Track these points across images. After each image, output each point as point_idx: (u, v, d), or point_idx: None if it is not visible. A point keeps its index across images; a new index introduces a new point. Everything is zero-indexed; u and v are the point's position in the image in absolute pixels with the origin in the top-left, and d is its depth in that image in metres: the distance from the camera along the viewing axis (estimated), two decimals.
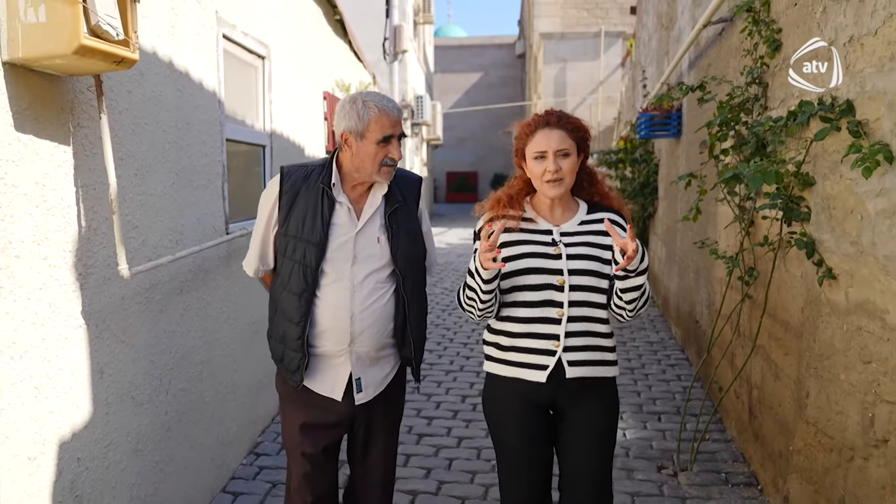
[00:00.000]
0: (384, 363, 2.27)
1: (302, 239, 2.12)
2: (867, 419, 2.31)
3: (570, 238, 2.12)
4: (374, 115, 2.09)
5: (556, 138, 2.06)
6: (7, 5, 1.73)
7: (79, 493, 2.11)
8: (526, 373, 2.09)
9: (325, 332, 2.15)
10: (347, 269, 2.14)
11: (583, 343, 2.08)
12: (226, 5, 3.35)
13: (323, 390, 2.21)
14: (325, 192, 2.14)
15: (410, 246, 2.24)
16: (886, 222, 2.19)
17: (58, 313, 2.01)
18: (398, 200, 2.23)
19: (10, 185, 1.80)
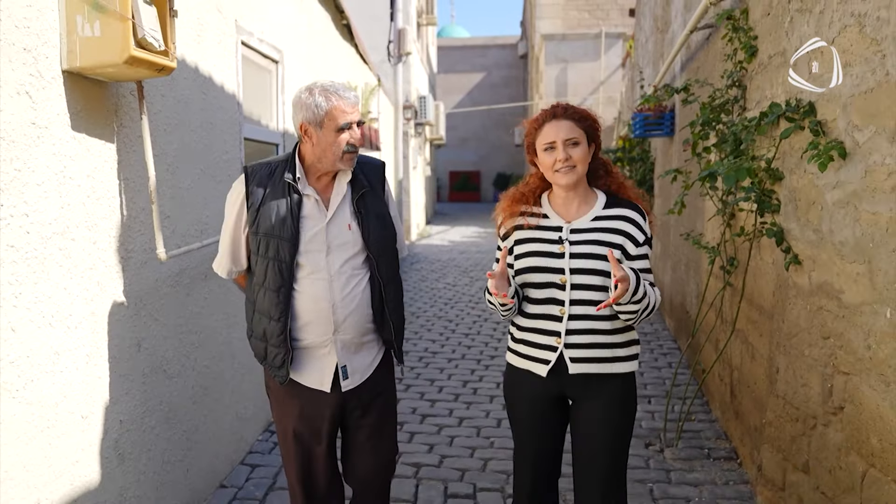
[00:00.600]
0: (368, 349, 2.28)
1: (273, 235, 2.12)
2: (826, 389, 2.57)
3: (579, 236, 2.12)
4: (330, 105, 2.09)
5: (564, 128, 2.08)
6: (66, 22, 2.00)
7: (121, 451, 2.38)
8: (531, 365, 2.17)
9: (307, 324, 2.16)
10: (323, 260, 2.15)
11: (586, 341, 2.10)
12: (244, 14, 3.62)
13: (311, 383, 2.22)
14: (290, 186, 2.14)
15: (381, 230, 2.25)
16: (841, 212, 2.45)
17: (105, 291, 2.27)
18: (364, 186, 2.23)
19: (68, 177, 2.06)
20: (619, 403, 2.15)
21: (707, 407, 4.37)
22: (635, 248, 2.11)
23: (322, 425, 2.26)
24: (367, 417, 2.31)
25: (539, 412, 2.20)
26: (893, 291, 2.12)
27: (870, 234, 2.26)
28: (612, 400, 2.13)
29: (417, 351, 5.82)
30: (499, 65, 31.19)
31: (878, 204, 2.22)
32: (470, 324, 6.84)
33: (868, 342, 2.27)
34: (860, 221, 2.32)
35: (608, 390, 2.13)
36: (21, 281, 1.84)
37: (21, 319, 1.85)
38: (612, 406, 2.14)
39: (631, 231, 2.11)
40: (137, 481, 2.49)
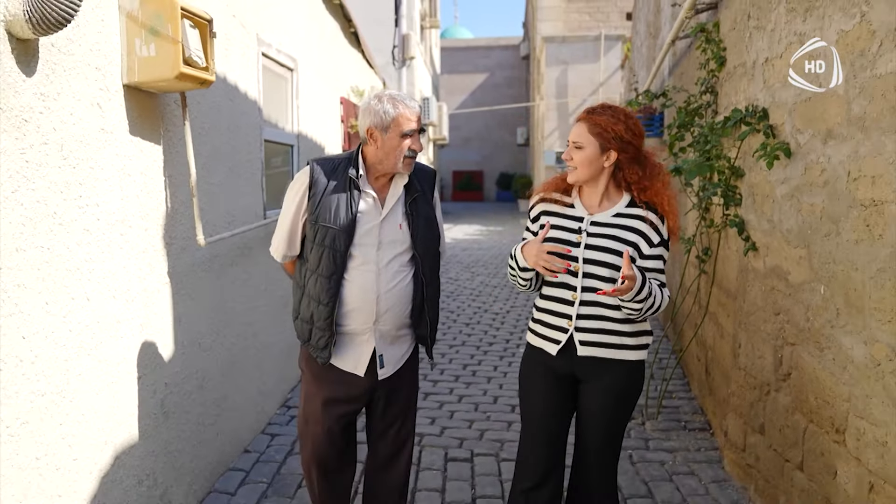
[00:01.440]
0: (402, 342, 2.44)
1: (331, 225, 2.26)
2: (777, 359, 2.95)
3: (599, 228, 2.23)
4: (397, 112, 2.26)
5: (575, 130, 2.24)
6: (126, 44, 2.39)
7: (166, 409, 2.77)
8: (544, 343, 2.31)
9: (352, 311, 2.31)
10: (373, 254, 2.30)
11: (595, 326, 2.22)
12: (264, 28, 4.01)
13: (346, 367, 2.37)
14: (352, 182, 2.30)
15: (427, 232, 2.40)
16: (787, 203, 2.83)
17: (154, 271, 2.66)
18: (417, 190, 2.39)
19: (126, 174, 2.45)
20: (622, 388, 2.26)
21: (687, 386, 4.75)
22: (649, 248, 2.22)
23: (349, 408, 2.42)
24: (391, 407, 2.47)
25: (548, 386, 2.32)
26: (826, 271, 2.50)
27: (808, 222, 2.64)
28: (615, 384, 2.25)
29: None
30: (501, 65, 31.54)
31: (814, 196, 2.59)
32: (470, 314, 7.23)
33: (807, 315, 2.65)
34: (801, 211, 2.70)
35: (614, 374, 2.24)
36: (93, 259, 2.23)
37: (93, 291, 2.23)
38: (614, 389, 2.25)
39: (647, 231, 2.22)
40: (178, 437, 2.88)
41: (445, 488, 3.31)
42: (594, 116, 2.20)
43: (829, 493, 2.48)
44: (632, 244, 2.20)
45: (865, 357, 2.24)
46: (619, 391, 2.26)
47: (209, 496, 3.15)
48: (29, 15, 1.77)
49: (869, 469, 2.22)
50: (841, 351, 2.39)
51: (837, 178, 2.42)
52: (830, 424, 2.47)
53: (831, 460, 2.47)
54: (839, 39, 2.40)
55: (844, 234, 2.37)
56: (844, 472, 2.38)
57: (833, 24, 2.44)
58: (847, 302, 2.35)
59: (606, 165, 2.22)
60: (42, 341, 1.95)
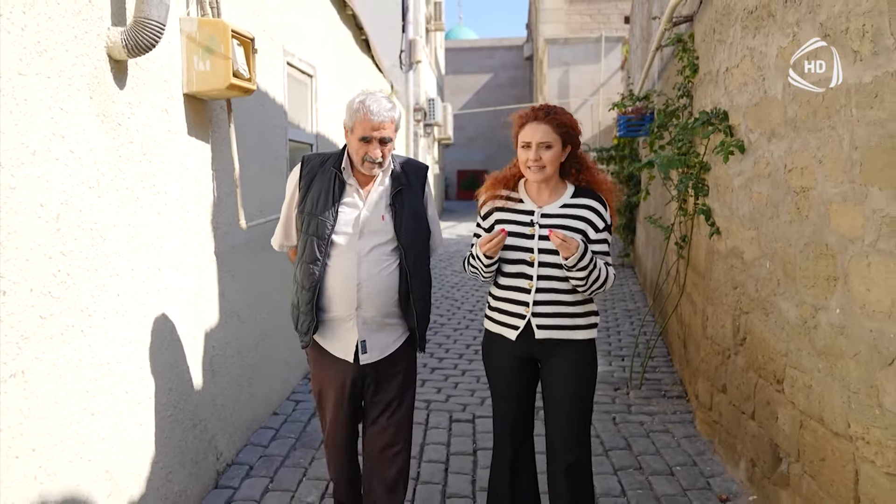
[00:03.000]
0: (391, 330, 2.49)
1: (315, 215, 2.38)
2: (735, 327, 3.43)
3: (549, 220, 2.38)
4: (359, 116, 2.33)
5: (540, 132, 2.33)
6: (186, 60, 2.89)
7: (214, 368, 3.27)
8: (503, 330, 2.47)
9: (334, 297, 2.40)
10: (355, 242, 2.39)
11: (551, 311, 2.38)
12: (288, 40, 4.50)
13: (335, 352, 2.47)
14: (336, 174, 2.42)
15: (413, 224, 2.46)
16: (742, 193, 3.31)
17: (204, 250, 3.16)
18: (403, 183, 2.47)
19: (185, 167, 2.95)
20: (580, 362, 2.44)
21: (670, 362, 5.23)
22: (595, 233, 2.41)
23: (343, 392, 2.49)
24: (380, 394, 2.53)
25: (510, 367, 2.50)
26: (770, 248, 2.98)
27: (757, 208, 3.12)
28: (572, 359, 2.42)
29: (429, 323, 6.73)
30: (505, 66, 31.95)
31: (761, 186, 3.07)
32: (473, 303, 7.72)
33: (757, 287, 3.13)
34: (752, 199, 3.18)
35: (570, 352, 2.42)
36: (163, 236, 2.73)
37: (163, 263, 2.73)
38: (573, 364, 2.42)
39: (592, 218, 2.41)
40: (222, 393, 3.37)
41: (450, 442, 3.80)
42: (555, 117, 2.36)
43: (772, 434, 2.96)
44: (580, 231, 2.37)
45: (796, 317, 2.72)
46: (576, 365, 2.43)
47: (246, 447, 3.65)
48: (125, 42, 2.27)
49: (799, 410, 2.70)
50: (780, 314, 2.87)
51: (777, 170, 2.90)
52: (773, 377, 2.95)
53: (774, 407, 2.95)
54: (779, 53, 2.88)
55: (782, 216, 2.85)
56: (783, 414, 2.86)
57: (774, 41, 2.92)
58: (785, 273, 2.83)
59: (563, 160, 2.42)
60: (129, 299, 2.45)
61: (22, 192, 1.84)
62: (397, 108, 2.43)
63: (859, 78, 2.25)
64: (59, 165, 2.01)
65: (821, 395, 2.53)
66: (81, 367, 2.13)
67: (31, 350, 1.89)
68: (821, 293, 2.52)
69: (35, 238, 1.90)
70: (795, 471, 2.74)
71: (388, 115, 2.37)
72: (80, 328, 2.12)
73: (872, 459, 2.21)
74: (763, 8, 3.03)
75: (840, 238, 2.38)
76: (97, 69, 2.23)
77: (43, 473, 1.94)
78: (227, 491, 3.20)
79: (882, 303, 2.13)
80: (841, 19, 2.35)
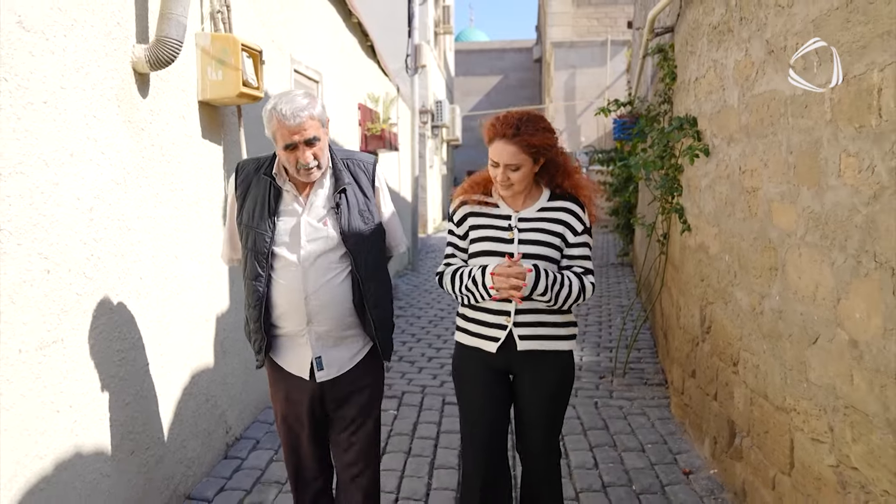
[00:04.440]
0: (350, 343, 2.30)
1: (252, 227, 2.18)
2: (702, 316, 3.72)
3: (527, 224, 2.28)
4: (274, 125, 2.11)
5: (507, 154, 2.19)
6: (201, 71, 3.22)
7: (225, 349, 3.60)
8: (481, 342, 2.32)
9: (283, 314, 2.21)
10: (297, 253, 2.18)
11: (532, 320, 2.26)
12: (296, 48, 4.84)
13: (291, 369, 2.29)
14: (270, 182, 2.20)
15: (361, 226, 2.24)
16: (707, 193, 3.60)
17: (216, 241, 3.49)
18: (346, 182, 2.24)
19: (199, 167, 3.28)
20: (558, 375, 2.34)
21: (655, 353, 5.52)
22: (574, 236, 2.32)
23: (303, 411, 2.31)
24: (342, 410, 2.33)
25: (486, 383, 2.35)
26: (728, 243, 3.27)
27: (719, 206, 3.41)
28: (551, 372, 2.32)
29: (429, 315, 7.05)
30: (515, 67, 32.21)
31: (722, 186, 3.37)
32: None
33: (718, 278, 3.42)
34: (715, 198, 3.48)
35: (548, 364, 2.32)
36: (180, 229, 3.06)
37: (181, 252, 3.07)
38: (550, 377, 2.33)
39: (570, 221, 2.32)
40: (232, 373, 3.71)
41: (441, 422, 4.12)
42: (525, 137, 2.18)
43: (729, 412, 3.26)
44: (558, 235, 2.29)
45: (748, 305, 3.01)
46: (555, 379, 2.34)
47: (253, 424, 3.98)
48: (148, 58, 2.61)
49: (750, 388, 2.99)
50: (736, 303, 3.17)
51: (734, 172, 3.19)
52: (730, 360, 3.25)
53: (731, 388, 3.24)
54: (735, 66, 3.17)
55: (737, 213, 3.15)
56: (737, 393, 3.15)
57: (732, 54, 3.22)
58: (739, 265, 3.12)
59: (535, 172, 2.30)
60: (150, 283, 2.78)
61: (63, 188, 2.18)
62: (317, 103, 2.17)
63: (794, 90, 2.54)
64: (92, 165, 2.35)
65: (765, 374, 2.82)
66: (110, 339, 2.47)
67: (69, 321, 2.22)
68: (765, 282, 2.81)
69: (72, 226, 2.24)
70: (746, 444, 3.03)
71: (306, 113, 2.10)
72: (108, 305, 2.45)
73: (802, 428, 2.50)
74: (724, 24, 3.33)
75: (780, 232, 2.67)
76: (124, 81, 2.57)
77: (78, 427, 2.27)
78: (235, 461, 3.53)
79: (808, 288, 2.43)
80: (780, 38, 2.65)
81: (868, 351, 2.05)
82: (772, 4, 2.73)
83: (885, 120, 1.95)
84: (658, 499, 3.18)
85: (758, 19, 2.88)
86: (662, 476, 3.40)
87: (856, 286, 2.12)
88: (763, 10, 2.82)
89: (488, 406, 2.36)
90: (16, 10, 1.95)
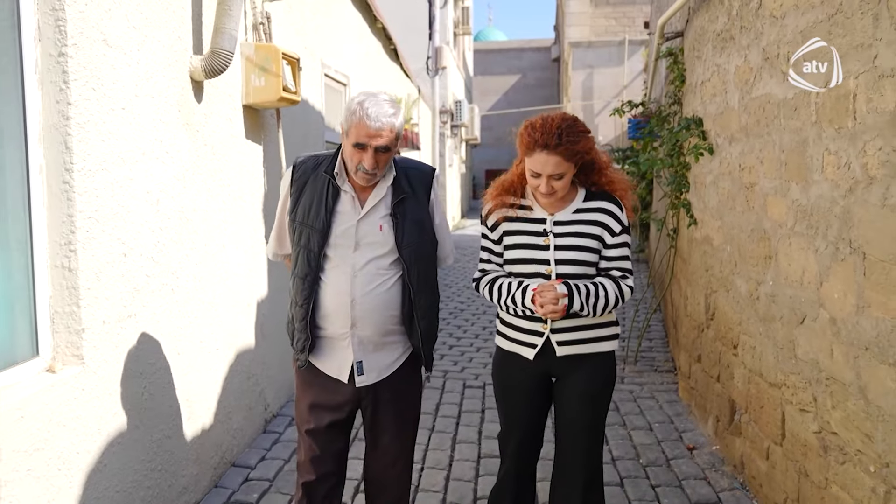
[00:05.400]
0: (391, 349, 2.27)
1: (307, 225, 2.16)
2: (706, 304, 3.98)
3: (563, 227, 2.23)
4: (355, 120, 2.08)
5: (552, 164, 2.11)
6: (245, 77, 3.54)
7: (265, 332, 3.93)
8: (520, 348, 2.31)
9: (328, 315, 2.19)
10: (349, 255, 2.16)
11: (571, 324, 2.23)
12: (326, 54, 5.16)
13: (330, 371, 2.25)
14: (330, 180, 2.18)
15: (417, 236, 2.22)
16: (712, 188, 3.86)
17: (256, 233, 3.82)
18: (405, 191, 2.22)
19: (242, 165, 3.61)
20: (599, 376, 2.30)
21: (667, 343, 5.77)
22: (612, 237, 2.25)
23: (334, 414, 2.27)
24: (379, 416, 2.30)
25: (526, 389, 2.34)
26: (730, 235, 3.53)
27: (722, 201, 3.67)
28: (592, 373, 2.28)
29: (449, 307, 7.35)
30: (533, 67, 32.42)
31: (724, 182, 3.63)
32: None
33: (721, 268, 3.68)
34: (718, 194, 3.74)
35: (589, 366, 2.28)
36: (227, 220, 3.39)
37: (227, 242, 3.39)
38: (593, 380, 2.29)
39: (608, 222, 2.24)
40: (270, 353, 4.03)
41: (462, 403, 4.41)
42: (567, 147, 2.12)
43: (730, 391, 3.52)
44: (596, 237, 2.24)
45: (746, 291, 3.27)
46: (597, 381, 2.30)
47: (289, 402, 4.31)
48: (203, 67, 2.93)
49: (748, 368, 3.25)
50: (736, 290, 3.43)
51: (734, 169, 3.45)
52: (731, 343, 3.51)
53: (731, 369, 3.50)
54: (736, 71, 3.43)
55: (737, 207, 3.40)
56: (737, 374, 3.41)
57: (733, 60, 3.48)
58: (740, 255, 3.38)
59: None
60: (203, 268, 3.11)
61: (136, 183, 2.51)
62: (400, 115, 2.18)
63: (786, 93, 2.80)
64: (159, 163, 2.67)
65: (760, 354, 3.08)
66: (171, 316, 2.80)
67: (140, 299, 2.55)
68: (761, 270, 3.07)
69: (143, 216, 2.56)
70: (745, 420, 3.29)
71: (388, 121, 2.09)
72: (171, 287, 2.78)
73: (791, 400, 2.76)
74: (726, 32, 3.59)
75: (773, 224, 2.93)
76: (183, 89, 2.89)
77: (147, 392, 2.60)
78: (273, 434, 3.85)
79: (797, 273, 2.69)
80: (774, 46, 2.91)
81: (844, 327, 2.32)
82: (767, 15, 2.99)
83: (859, 122, 2.22)
84: (663, 471, 3.45)
85: (755, 29, 3.14)
86: (668, 451, 3.66)
87: (834, 270, 2.38)
88: (760, 21, 3.08)
89: (524, 413, 2.36)
90: (101, 29, 2.28)
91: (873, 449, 2.15)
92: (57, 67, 2.12)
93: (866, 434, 2.19)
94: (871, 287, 2.14)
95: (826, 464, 2.47)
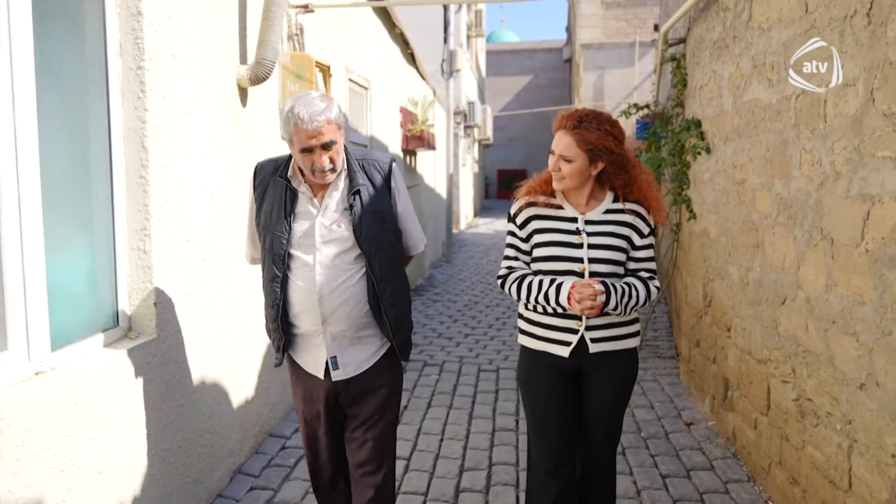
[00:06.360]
0: (368, 343, 2.31)
1: (269, 229, 2.23)
2: (704, 292, 4.30)
3: (594, 227, 2.27)
4: (291, 128, 2.10)
5: (563, 144, 2.20)
6: (281, 83, 3.90)
7: None
8: (552, 347, 2.32)
9: (300, 313, 2.25)
10: (312, 254, 2.21)
11: (603, 322, 2.28)
12: (350, 60, 5.52)
13: (308, 367, 2.33)
14: (286, 184, 2.23)
15: (376, 226, 2.24)
16: (709, 185, 4.18)
17: None
18: (360, 183, 2.24)
19: None
20: (624, 372, 2.38)
21: (670, 332, 6.09)
22: (640, 238, 2.32)
23: (319, 408, 2.36)
24: (356, 408, 2.35)
25: (556, 392, 2.36)
26: (724, 228, 3.85)
27: (718, 196, 3.99)
28: (619, 370, 2.36)
29: (464, 300, 7.71)
30: (545, 68, 32.67)
31: (719, 179, 3.95)
32: None
33: (717, 258, 4.00)
34: (714, 190, 4.05)
35: (617, 362, 2.35)
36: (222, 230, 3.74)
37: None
38: (618, 375, 2.37)
39: (637, 224, 2.31)
40: None
41: (477, 384, 4.76)
42: (582, 131, 2.17)
43: (724, 371, 3.84)
44: (625, 238, 2.29)
45: (738, 278, 3.59)
46: (622, 377, 2.39)
47: None
48: (249, 76, 3.29)
49: (739, 348, 3.57)
50: (730, 278, 3.75)
51: (728, 167, 3.77)
52: (724, 326, 3.83)
53: (725, 350, 3.82)
54: (729, 77, 3.75)
55: (731, 202, 3.73)
56: (730, 354, 3.73)
57: (727, 67, 3.80)
58: (732, 246, 3.70)
59: (594, 174, 2.27)
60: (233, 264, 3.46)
61: (195, 178, 2.87)
62: (334, 105, 2.19)
63: (771, 98, 3.12)
64: (213, 161, 3.03)
65: (750, 334, 3.40)
66: (222, 297, 3.16)
67: (198, 280, 2.91)
68: (750, 258, 3.39)
69: (200, 207, 2.92)
70: (737, 396, 3.61)
71: (323, 117, 2.11)
72: (222, 270, 3.14)
73: (774, 373, 3.08)
74: (721, 41, 3.91)
75: (760, 216, 3.25)
76: (231, 95, 3.25)
77: (204, 362, 2.97)
78: None
79: (779, 259, 3.01)
80: (762, 55, 3.23)
81: (816, 304, 2.64)
82: (756, 27, 3.31)
83: (828, 124, 2.54)
84: (662, 443, 3.77)
85: (746, 39, 3.46)
86: (667, 426, 3.99)
87: (809, 254, 2.70)
88: (750, 32, 3.40)
89: (560, 415, 2.37)
90: (171, 45, 2.64)
91: (839, 409, 2.47)
92: (136, 79, 2.49)
93: (834, 397, 2.51)
94: (838, 268, 2.46)
95: (803, 427, 2.79)
